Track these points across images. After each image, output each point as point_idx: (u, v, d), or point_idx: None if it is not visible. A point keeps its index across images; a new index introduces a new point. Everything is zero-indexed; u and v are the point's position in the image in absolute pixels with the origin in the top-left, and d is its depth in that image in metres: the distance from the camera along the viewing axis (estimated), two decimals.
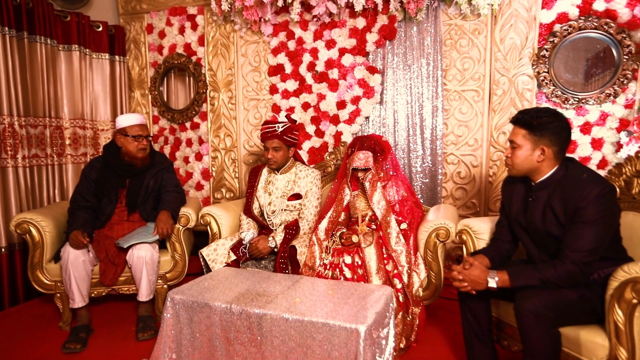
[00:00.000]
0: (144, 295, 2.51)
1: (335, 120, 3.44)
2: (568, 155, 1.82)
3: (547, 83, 2.97)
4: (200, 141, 3.93)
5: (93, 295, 2.58)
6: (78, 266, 2.42)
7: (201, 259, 2.51)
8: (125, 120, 2.62)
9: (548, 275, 1.64)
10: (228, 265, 2.43)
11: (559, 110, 2.88)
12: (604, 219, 1.62)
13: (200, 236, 3.14)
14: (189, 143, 3.98)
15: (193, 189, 4.00)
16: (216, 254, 2.48)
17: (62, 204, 2.93)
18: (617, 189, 2.02)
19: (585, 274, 1.63)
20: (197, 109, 3.90)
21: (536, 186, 1.80)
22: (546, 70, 2.96)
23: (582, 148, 2.94)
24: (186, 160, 4.01)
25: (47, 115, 3.33)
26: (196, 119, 3.94)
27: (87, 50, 3.63)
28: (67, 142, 3.50)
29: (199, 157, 3.95)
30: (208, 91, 3.84)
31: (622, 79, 2.80)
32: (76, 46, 3.52)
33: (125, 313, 2.81)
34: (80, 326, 2.47)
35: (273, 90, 3.62)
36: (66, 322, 2.60)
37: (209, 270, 2.46)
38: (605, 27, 2.79)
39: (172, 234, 2.68)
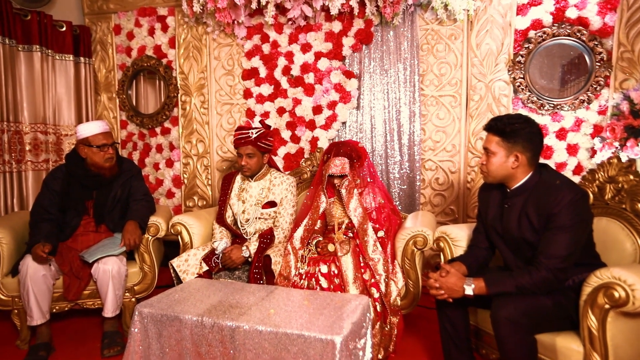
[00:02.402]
0: (109, 311, 2.46)
1: (311, 125, 3.46)
2: (543, 161, 1.89)
3: (523, 89, 3.07)
4: (171, 147, 3.89)
5: (55, 310, 2.51)
6: (38, 280, 2.35)
7: (171, 270, 2.49)
8: (87, 129, 2.55)
9: (523, 281, 1.69)
10: (200, 276, 2.41)
11: (535, 116, 3.00)
12: (578, 224, 1.68)
13: (171, 246, 3.10)
14: (159, 149, 3.94)
15: (163, 197, 3.95)
16: (187, 264, 2.46)
17: (21, 214, 2.85)
18: (591, 195, 2.11)
19: (559, 280, 1.69)
20: (168, 113, 3.86)
21: (511, 193, 1.86)
22: (522, 76, 3.06)
23: (558, 154, 3.05)
24: (156, 166, 3.96)
25: (4, 119, 3.24)
26: (167, 124, 3.90)
27: (50, 51, 3.56)
28: (27, 147, 3.41)
29: (169, 163, 3.91)
30: (179, 95, 3.81)
31: (595, 86, 2.92)
32: (37, 46, 3.44)
33: (90, 329, 2.74)
34: (39, 344, 2.40)
35: (247, 94, 3.62)
36: (24, 341, 2.52)
37: (179, 281, 2.44)
38: (577, 34, 2.92)
39: (141, 245, 2.64)
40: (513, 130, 1.77)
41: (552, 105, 3.03)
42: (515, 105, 3.13)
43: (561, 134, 3.03)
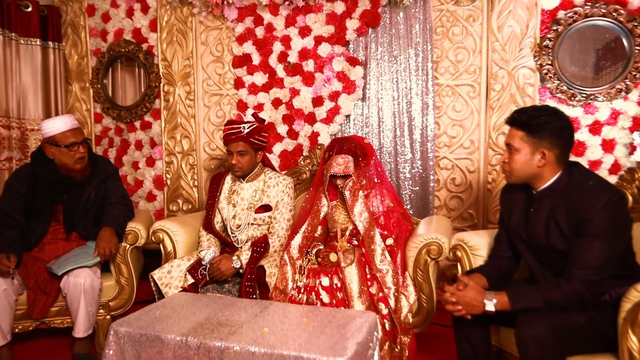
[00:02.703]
0: (81, 330, 2.45)
1: (310, 119, 3.46)
2: (574, 159, 1.88)
3: (551, 77, 3.07)
4: (153, 143, 3.89)
5: (17, 330, 2.51)
6: None
7: (152, 284, 2.49)
8: (53, 126, 2.53)
9: (552, 296, 1.69)
10: (184, 290, 2.41)
11: (565, 108, 3.00)
12: (614, 231, 1.68)
13: (152, 256, 3.10)
14: (139, 146, 3.94)
15: (143, 200, 3.95)
16: (170, 277, 2.46)
17: None
18: (629, 197, 2.10)
19: (594, 294, 1.68)
20: (149, 105, 3.86)
21: (538, 195, 1.86)
22: (550, 62, 3.06)
23: (591, 150, 3.04)
24: (135, 166, 3.96)
25: None
26: (147, 118, 3.90)
27: (13, 34, 3.56)
28: None
29: (150, 162, 3.90)
30: (162, 85, 3.81)
31: (634, 73, 2.91)
32: None
33: (58, 350, 2.73)
34: None
35: (238, 84, 3.62)
36: None
37: (161, 296, 2.44)
38: (614, 14, 2.91)
39: (117, 255, 2.64)
40: (539, 124, 1.77)
41: (585, 95, 3.02)
42: (542, 95, 3.13)
43: (595, 128, 3.03)
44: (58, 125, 2.54)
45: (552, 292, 1.69)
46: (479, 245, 2.21)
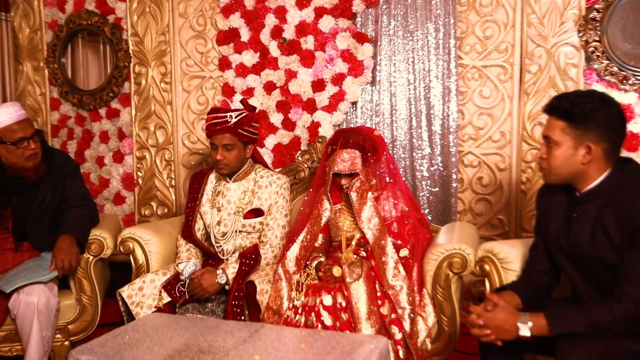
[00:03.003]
0: (33, 359, 2.45)
1: (310, 106, 3.46)
2: (626, 154, 1.88)
3: (598, 56, 3.06)
4: (121, 135, 3.89)
5: None
6: None
7: (120, 303, 2.48)
8: None
9: (600, 318, 1.68)
10: (159, 310, 2.40)
11: (615, 93, 2.99)
12: None
13: (120, 270, 3.10)
14: (105, 138, 3.94)
15: (110, 203, 3.96)
16: (142, 294, 2.45)
17: None
18: None
19: None
20: (117, 89, 3.87)
21: (582, 197, 1.85)
22: (597, 38, 3.05)
23: None
24: (100, 161, 3.97)
25: None
26: (115, 104, 3.90)
27: None
28: None
29: (118, 157, 3.91)
30: (132, 65, 3.82)
31: None
32: None
33: None
34: None
35: (224, 64, 3.62)
36: None
37: (132, 318, 2.43)
38: None
39: (78, 268, 2.64)
40: (584, 112, 1.77)
41: None
42: (587, 78, 3.12)
43: None
44: (1, 117, 2.51)
45: (599, 314, 1.68)
46: (510, 257, 2.21)
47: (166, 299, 2.44)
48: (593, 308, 1.72)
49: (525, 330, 1.74)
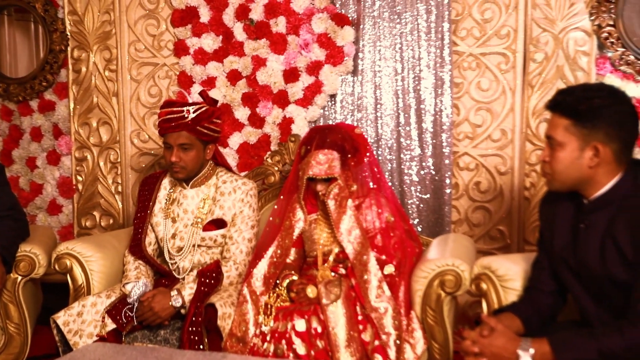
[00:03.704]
0: None
1: (281, 100, 3.46)
2: (639, 157, 1.90)
3: (613, 43, 3.09)
4: (57, 132, 3.86)
5: None
6: None
7: (55, 331, 2.46)
8: None
9: (611, 344, 1.69)
10: (102, 339, 2.39)
11: (631, 86, 3.03)
12: None
13: (55, 292, 3.08)
14: (37, 135, 3.90)
15: (43, 213, 3.92)
16: (81, 321, 2.44)
17: None
18: None
19: None
20: (51, 78, 3.83)
21: (590, 205, 1.87)
22: (612, 22, 3.08)
23: None
24: (31, 163, 3.93)
25: None
26: (49, 95, 3.87)
27: None
28: None
29: (54, 158, 3.87)
30: (70, 49, 3.78)
31: None
32: None
33: None
34: None
35: (180, 49, 3.61)
36: None
37: (69, 349, 2.41)
38: None
39: (4, 290, 2.62)
40: (591, 109, 1.78)
41: None
42: (600, 68, 3.16)
43: None
44: None
45: (610, 340, 1.70)
46: (511, 274, 2.22)
47: (111, 325, 2.43)
48: (603, 333, 1.73)
49: (526, 358, 1.75)
